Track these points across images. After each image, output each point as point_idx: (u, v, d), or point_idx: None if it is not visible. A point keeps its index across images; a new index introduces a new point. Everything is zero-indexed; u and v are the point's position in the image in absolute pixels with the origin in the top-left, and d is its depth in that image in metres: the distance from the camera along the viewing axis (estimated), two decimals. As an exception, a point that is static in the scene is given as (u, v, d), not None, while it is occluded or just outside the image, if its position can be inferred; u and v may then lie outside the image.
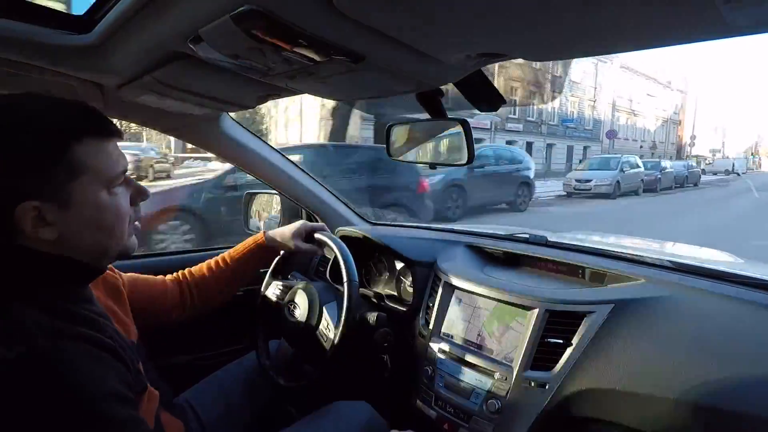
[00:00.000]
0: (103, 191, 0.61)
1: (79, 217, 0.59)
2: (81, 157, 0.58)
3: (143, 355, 0.79)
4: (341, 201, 1.70)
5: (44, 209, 0.56)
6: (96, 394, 0.51)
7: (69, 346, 0.52)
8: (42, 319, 0.53)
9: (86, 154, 0.59)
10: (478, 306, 1.09)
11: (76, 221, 0.59)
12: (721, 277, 0.96)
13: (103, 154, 0.62)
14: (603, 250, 1.19)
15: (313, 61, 0.65)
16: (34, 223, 0.56)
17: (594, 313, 0.91)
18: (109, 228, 0.63)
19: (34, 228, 0.56)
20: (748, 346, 0.78)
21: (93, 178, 0.60)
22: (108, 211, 0.62)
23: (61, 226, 0.58)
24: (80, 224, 0.60)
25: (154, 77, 0.84)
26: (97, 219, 0.61)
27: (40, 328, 0.51)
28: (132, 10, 0.63)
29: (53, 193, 0.57)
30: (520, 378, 0.94)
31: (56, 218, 0.58)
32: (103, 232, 0.63)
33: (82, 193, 0.59)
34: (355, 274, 1.04)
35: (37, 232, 0.57)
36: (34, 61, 0.83)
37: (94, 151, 0.60)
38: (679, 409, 0.76)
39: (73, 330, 0.54)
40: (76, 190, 0.59)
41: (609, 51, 0.59)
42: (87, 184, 0.60)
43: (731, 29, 0.45)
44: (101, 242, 0.63)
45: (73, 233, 0.60)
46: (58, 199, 0.57)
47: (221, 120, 1.28)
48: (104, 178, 0.61)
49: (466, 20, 0.52)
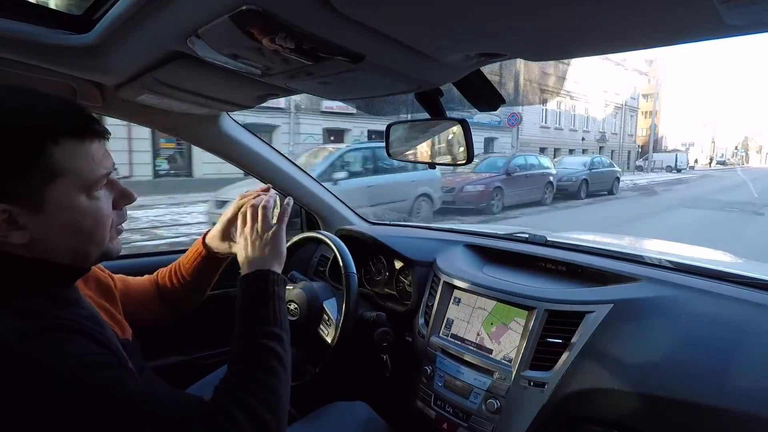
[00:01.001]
0: (81, 195, 0.57)
1: (54, 221, 0.56)
2: (58, 160, 0.54)
3: (138, 355, 0.78)
4: (341, 201, 1.70)
5: (15, 212, 0.53)
6: (77, 369, 0.49)
7: (41, 339, 0.50)
8: (15, 322, 0.50)
9: (64, 156, 0.55)
10: (478, 305, 1.09)
11: (50, 226, 0.56)
12: (720, 277, 0.96)
13: (83, 156, 0.57)
14: (602, 249, 1.19)
15: (312, 61, 0.65)
16: (5, 226, 0.53)
17: (593, 313, 0.91)
18: (87, 233, 0.59)
19: (4, 231, 0.53)
20: (747, 345, 0.78)
21: (71, 182, 0.56)
22: (86, 216, 0.58)
23: (33, 230, 0.54)
24: (55, 229, 0.56)
25: (153, 77, 0.84)
26: (74, 224, 0.57)
27: (14, 331, 0.49)
28: (131, 9, 0.62)
29: (26, 197, 0.53)
30: (519, 377, 0.94)
31: (28, 222, 0.54)
32: (80, 237, 0.59)
33: (57, 197, 0.55)
34: (352, 266, 1.04)
35: (7, 236, 0.53)
36: (33, 61, 0.83)
37: (73, 154, 0.56)
38: (677, 409, 0.76)
39: (48, 324, 0.52)
40: (51, 193, 0.54)
41: (607, 51, 0.59)
42: (64, 187, 0.55)
43: (730, 29, 0.45)
44: (79, 247, 0.60)
45: (46, 238, 0.56)
46: (31, 203, 0.54)
47: (221, 119, 1.28)
48: (83, 182, 0.57)
49: (465, 20, 0.52)
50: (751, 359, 0.76)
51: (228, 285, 1.45)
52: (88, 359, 0.51)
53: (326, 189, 1.65)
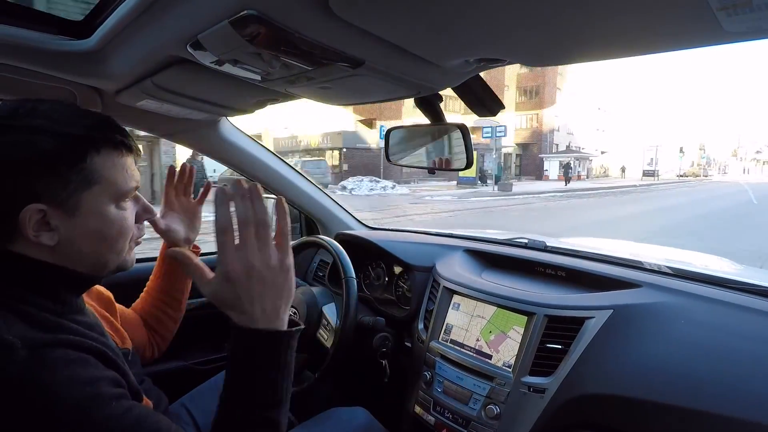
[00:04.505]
0: (111, 204, 0.61)
1: (83, 226, 0.59)
2: (97, 167, 0.59)
3: (138, 365, 0.78)
4: (340, 206, 1.70)
5: (50, 214, 0.56)
6: (78, 397, 0.49)
7: (48, 353, 0.50)
8: (24, 331, 0.51)
9: (103, 165, 0.59)
10: (477, 311, 1.09)
11: (79, 230, 0.59)
12: (719, 283, 0.96)
13: (119, 167, 0.61)
14: (602, 255, 1.19)
15: (311, 66, 0.66)
16: (37, 226, 0.56)
17: (593, 319, 0.91)
18: (111, 241, 0.62)
19: (36, 231, 0.56)
20: (747, 352, 0.78)
21: (105, 190, 0.60)
22: (113, 224, 0.62)
23: (62, 232, 0.57)
24: (82, 234, 0.59)
25: (153, 82, 0.84)
26: (101, 231, 0.61)
27: (22, 340, 0.50)
28: (131, 15, 0.63)
29: (63, 199, 0.57)
30: (518, 383, 0.94)
31: (60, 224, 0.57)
32: (104, 244, 0.62)
33: (91, 203, 0.59)
34: (351, 271, 1.04)
35: (39, 237, 0.56)
36: (33, 66, 0.83)
37: (111, 164, 0.60)
38: (677, 416, 0.75)
39: (55, 338, 0.52)
40: (86, 199, 0.58)
41: (607, 57, 0.59)
42: (98, 195, 0.59)
43: (729, 35, 0.45)
44: (101, 254, 0.62)
45: (73, 242, 0.59)
46: (67, 206, 0.57)
47: (220, 125, 1.29)
48: (116, 191, 0.61)
49: (464, 26, 0.52)
50: (751, 366, 0.75)
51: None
52: (93, 387, 0.51)
53: (326, 194, 1.65)
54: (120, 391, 0.54)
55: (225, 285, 0.55)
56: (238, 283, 0.55)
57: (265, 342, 0.56)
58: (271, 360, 0.56)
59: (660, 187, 29.53)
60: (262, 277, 0.56)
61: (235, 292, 0.55)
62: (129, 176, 0.63)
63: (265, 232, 0.56)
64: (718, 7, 0.39)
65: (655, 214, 12.02)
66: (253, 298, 0.55)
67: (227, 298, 0.56)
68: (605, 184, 28.16)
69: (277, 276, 0.57)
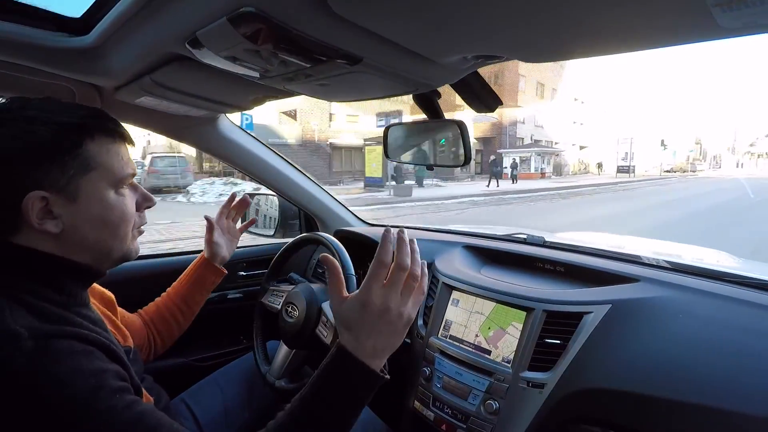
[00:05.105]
0: (110, 190, 0.64)
1: (85, 212, 0.61)
2: (93, 153, 0.61)
3: (139, 362, 0.79)
4: (339, 202, 1.70)
5: (52, 201, 0.58)
6: (82, 388, 0.49)
7: (54, 344, 0.51)
8: (30, 322, 0.52)
9: (98, 151, 0.62)
10: (476, 306, 1.09)
11: (81, 216, 0.61)
12: (718, 277, 0.96)
13: (114, 154, 0.64)
14: (600, 250, 1.19)
15: (310, 63, 0.66)
16: (41, 214, 0.57)
17: (591, 314, 0.91)
18: (113, 227, 0.64)
19: (40, 219, 0.57)
20: (746, 346, 0.78)
21: (102, 175, 0.62)
22: (114, 209, 0.64)
23: (66, 219, 0.59)
24: (85, 219, 0.61)
25: (152, 79, 0.84)
26: (103, 216, 0.63)
27: (29, 330, 0.50)
28: (130, 12, 0.63)
29: (63, 186, 0.59)
30: (518, 378, 0.94)
31: (62, 211, 0.59)
32: (107, 230, 0.64)
33: (90, 188, 0.61)
34: (351, 267, 1.04)
35: (43, 224, 0.58)
36: (31, 63, 0.83)
37: (106, 150, 0.63)
38: (676, 410, 0.76)
39: (61, 329, 0.53)
40: (85, 184, 0.60)
41: (603, 53, 0.59)
42: (96, 180, 0.62)
43: (724, 31, 0.45)
44: (105, 241, 0.64)
45: (77, 229, 0.61)
46: (67, 192, 0.59)
47: (219, 121, 1.29)
48: (113, 177, 0.64)
49: (462, 22, 0.52)
50: (750, 360, 0.76)
51: (224, 288, 1.46)
52: (97, 379, 0.51)
53: (324, 190, 1.65)
54: (123, 385, 0.54)
55: (356, 309, 0.59)
56: (369, 315, 0.58)
57: (361, 374, 0.59)
58: (357, 391, 0.59)
59: (629, 185, 24.05)
60: (390, 321, 0.59)
61: (362, 320, 0.59)
62: (125, 163, 0.66)
63: (412, 283, 0.61)
64: (713, 3, 0.39)
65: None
66: (372, 332, 0.59)
67: (352, 320, 0.59)
68: (562, 184, 23.20)
69: (400, 325, 0.60)
